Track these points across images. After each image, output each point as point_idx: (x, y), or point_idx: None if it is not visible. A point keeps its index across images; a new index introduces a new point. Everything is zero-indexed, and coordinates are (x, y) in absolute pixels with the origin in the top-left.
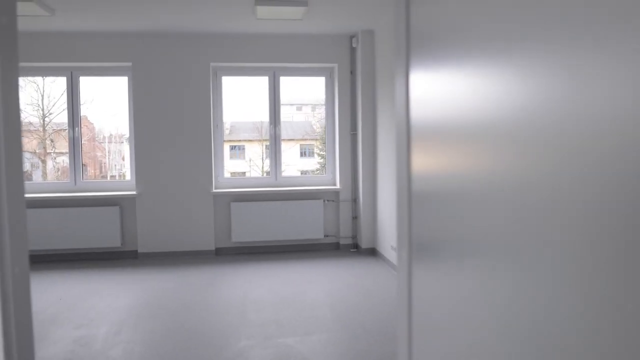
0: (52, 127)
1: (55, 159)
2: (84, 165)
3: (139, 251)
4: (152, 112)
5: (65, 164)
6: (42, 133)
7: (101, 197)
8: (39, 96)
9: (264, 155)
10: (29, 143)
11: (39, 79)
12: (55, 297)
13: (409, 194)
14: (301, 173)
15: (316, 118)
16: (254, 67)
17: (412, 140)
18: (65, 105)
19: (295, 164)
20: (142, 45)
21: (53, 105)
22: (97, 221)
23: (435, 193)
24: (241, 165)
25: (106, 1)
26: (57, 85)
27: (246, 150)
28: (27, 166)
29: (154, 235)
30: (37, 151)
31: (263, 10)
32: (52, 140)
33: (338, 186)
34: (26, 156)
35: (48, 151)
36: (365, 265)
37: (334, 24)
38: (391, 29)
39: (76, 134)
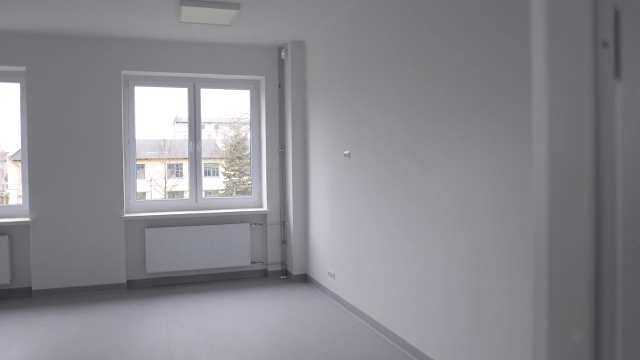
0: None
1: None
2: None
3: (33, 288)
4: (50, 125)
5: None
6: None
7: None
8: None
9: (167, 175)
10: None
11: None
12: None
13: None
14: (205, 193)
15: (220, 137)
16: (173, 77)
17: None
18: None
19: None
20: (40, 47)
21: None
22: None
23: None
24: (142, 185)
25: None
26: None
27: (146, 169)
28: None
29: (51, 268)
30: None
31: (188, 12)
32: None
33: (265, 208)
34: None
35: None
36: (300, 294)
37: (262, 33)
38: (324, 40)
39: None
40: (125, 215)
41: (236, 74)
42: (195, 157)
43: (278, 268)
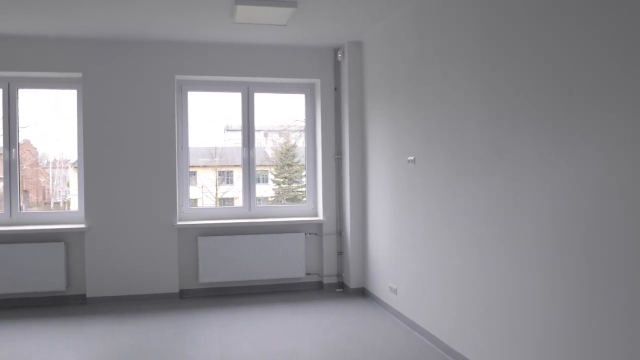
0: None
1: None
2: (26, 191)
3: (87, 295)
4: (105, 132)
5: (2, 191)
6: None
7: (43, 231)
8: None
9: (217, 182)
10: None
11: None
12: None
13: None
14: (256, 200)
15: (270, 144)
16: (226, 81)
17: None
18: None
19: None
20: (95, 53)
21: None
22: (37, 260)
23: None
24: (194, 191)
25: None
26: None
27: (198, 176)
28: None
29: (105, 276)
30: None
31: (243, 12)
32: None
33: (321, 217)
34: None
35: None
36: (358, 310)
37: (317, 34)
38: (384, 39)
39: (13, 157)
40: (178, 223)
41: (291, 77)
42: (248, 164)
43: (334, 280)
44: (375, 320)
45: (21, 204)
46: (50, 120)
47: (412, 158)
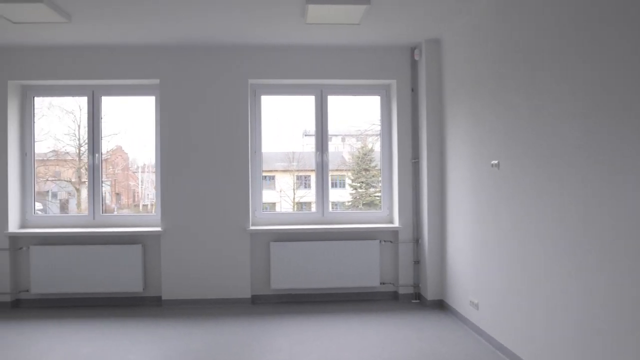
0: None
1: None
2: (118, 194)
3: (163, 298)
4: (180, 136)
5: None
6: (77, 162)
7: (122, 233)
8: (76, 126)
9: (295, 187)
10: (66, 172)
11: (75, 110)
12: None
13: None
14: (332, 205)
15: (347, 149)
16: (299, 84)
17: None
18: (91, 132)
19: (330, 195)
20: (171, 59)
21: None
22: (116, 261)
23: None
24: (272, 195)
25: (129, 2)
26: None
27: (276, 180)
28: (63, 194)
29: (180, 279)
30: (72, 180)
31: (315, 12)
32: (86, 169)
33: (397, 224)
34: (61, 184)
35: (83, 180)
36: (435, 324)
37: (392, 33)
38: (465, 36)
39: (96, 162)
40: (251, 227)
41: (365, 78)
42: (322, 168)
43: (410, 291)
44: (454, 336)
45: (113, 205)
46: (140, 126)
47: (495, 162)
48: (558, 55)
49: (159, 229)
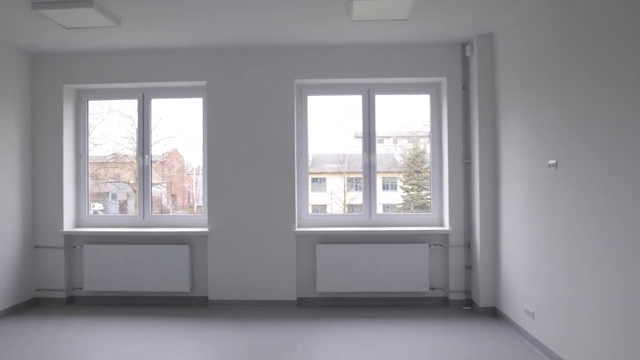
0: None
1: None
2: (174, 195)
3: (209, 298)
4: (226, 138)
5: (157, 195)
6: (135, 165)
7: (170, 233)
8: (134, 130)
9: (346, 189)
10: (125, 174)
11: (133, 114)
12: (109, 355)
13: None
14: (384, 207)
15: (399, 150)
16: (346, 83)
17: None
18: (138, 137)
19: (377, 198)
20: (217, 61)
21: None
22: (164, 261)
23: None
24: (323, 197)
25: (176, 6)
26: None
27: (327, 183)
28: (123, 195)
29: (226, 280)
30: (130, 182)
31: (360, 8)
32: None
33: (447, 227)
34: (120, 186)
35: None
36: (488, 333)
37: (441, 28)
38: (521, 28)
39: (146, 163)
40: (297, 229)
41: (414, 76)
42: (369, 170)
43: (461, 297)
44: (508, 347)
45: (169, 206)
46: (194, 129)
47: (553, 162)
48: (622, 50)
49: (206, 229)
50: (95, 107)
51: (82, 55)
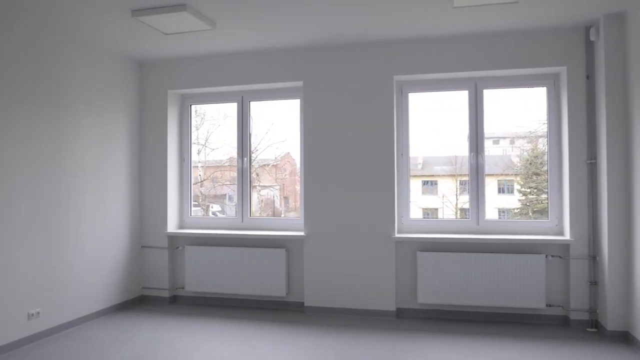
0: (258, 162)
1: (260, 191)
2: (286, 197)
3: (305, 304)
4: (323, 139)
5: (268, 197)
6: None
7: (267, 237)
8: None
9: (458, 192)
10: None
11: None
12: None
13: None
14: (499, 212)
15: (516, 152)
16: (450, 78)
17: None
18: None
19: (492, 202)
20: (314, 59)
21: (259, 143)
22: (261, 265)
23: None
24: (434, 201)
25: (271, 6)
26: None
27: (439, 186)
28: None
29: (322, 286)
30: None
31: None
32: (257, 175)
33: (567, 237)
34: (235, 189)
35: (253, 184)
36: None
37: (559, 9)
38: None
39: (245, 165)
40: (397, 235)
41: (527, 67)
42: (476, 171)
43: (585, 317)
44: None
45: (281, 208)
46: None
47: None
48: None
49: (302, 233)
50: (213, 114)
51: (184, 61)
